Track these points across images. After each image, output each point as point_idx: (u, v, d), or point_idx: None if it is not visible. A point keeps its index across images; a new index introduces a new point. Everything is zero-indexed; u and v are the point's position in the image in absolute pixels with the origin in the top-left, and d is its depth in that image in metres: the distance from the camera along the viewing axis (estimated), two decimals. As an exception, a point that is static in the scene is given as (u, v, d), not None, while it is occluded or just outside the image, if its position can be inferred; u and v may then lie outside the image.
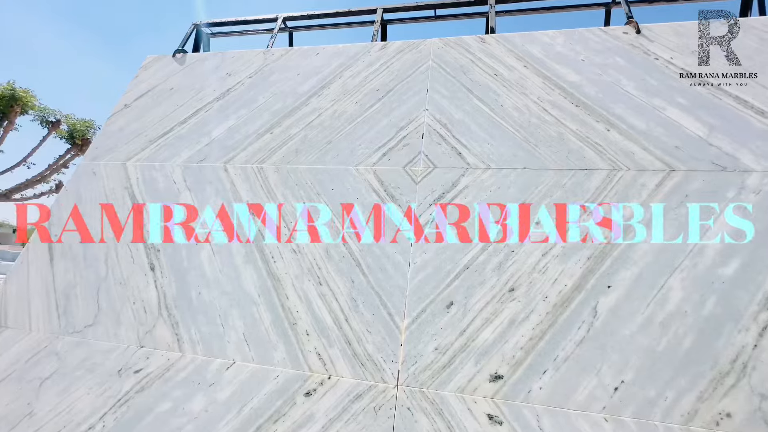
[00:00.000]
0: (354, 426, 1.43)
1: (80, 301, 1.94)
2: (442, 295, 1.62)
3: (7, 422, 1.66)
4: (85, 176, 2.38)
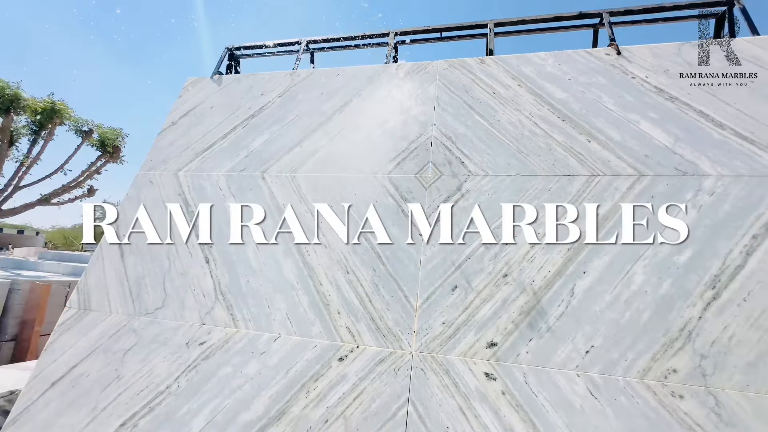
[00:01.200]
0: (378, 383, 1.80)
1: (149, 288, 2.36)
2: (448, 280, 1.98)
3: (101, 384, 2.08)
4: (144, 185, 2.80)
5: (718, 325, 1.64)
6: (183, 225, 2.53)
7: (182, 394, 1.97)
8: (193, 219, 2.54)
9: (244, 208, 2.49)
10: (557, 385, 1.67)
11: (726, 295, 1.69)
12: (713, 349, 1.60)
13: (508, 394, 1.68)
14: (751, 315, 1.63)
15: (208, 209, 2.55)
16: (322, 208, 2.35)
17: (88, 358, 2.19)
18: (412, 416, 1.71)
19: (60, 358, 2.23)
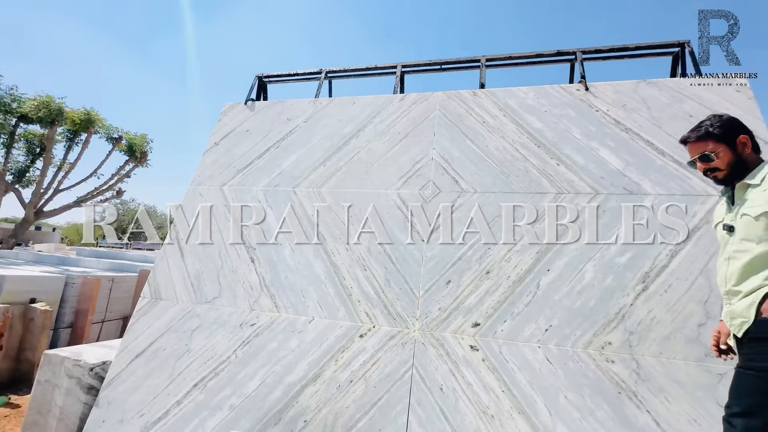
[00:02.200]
0: (390, 353, 2.39)
1: (207, 282, 2.96)
2: (443, 276, 2.55)
3: (175, 356, 2.70)
4: (194, 197, 3.40)
5: (644, 310, 2.19)
6: (230, 231, 3.13)
7: (240, 363, 2.57)
8: (238, 226, 3.13)
9: (280, 218, 3.07)
10: (523, 354, 2.24)
11: (652, 287, 2.23)
12: (639, 327, 2.16)
13: (486, 361, 2.26)
14: (669, 302, 2.18)
15: (250, 218, 3.14)
16: (343, 218, 2.93)
17: (163, 336, 2.81)
18: (415, 377, 2.29)
19: (141, 336, 2.85)
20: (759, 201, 1.39)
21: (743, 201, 1.47)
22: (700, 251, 2.28)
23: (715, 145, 1.55)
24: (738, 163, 1.52)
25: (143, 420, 2.52)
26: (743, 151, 1.53)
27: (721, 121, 1.57)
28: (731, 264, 1.46)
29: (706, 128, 1.57)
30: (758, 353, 1.31)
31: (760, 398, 1.26)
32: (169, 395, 2.57)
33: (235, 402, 2.44)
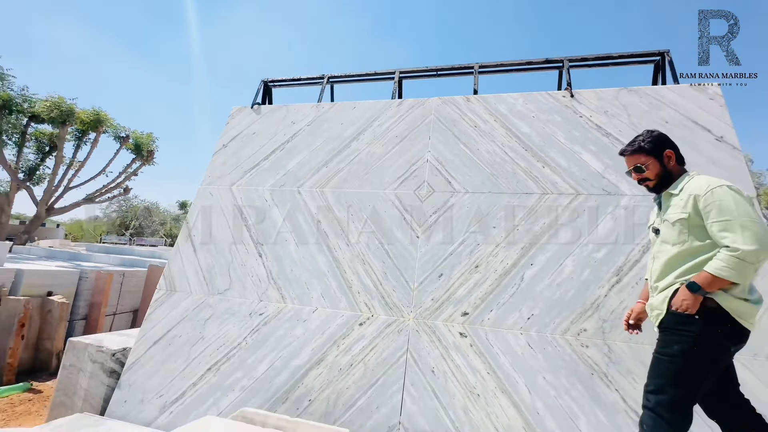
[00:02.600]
0: (387, 340, 2.62)
1: (218, 275, 3.20)
2: (436, 270, 2.78)
3: (190, 342, 2.94)
4: (205, 196, 3.63)
5: (617, 300, 2.41)
6: (239, 227, 3.36)
7: (249, 349, 2.81)
8: (246, 224, 3.37)
9: (286, 215, 3.30)
10: (507, 340, 2.47)
11: (625, 280, 2.46)
12: (611, 316, 2.38)
13: (474, 346, 2.49)
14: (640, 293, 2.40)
15: (258, 216, 3.37)
16: (344, 216, 3.16)
17: (179, 325, 3.06)
18: (409, 361, 2.53)
19: (158, 325, 3.10)
20: (676, 209, 1.61)
21: (666, 208, 1.69)
22: (669, 247, 2.49)
23: (645, 158, 1.75)
24: (664, 174, 1.73)
25: (162, 400, 2.77)
26: (668, 163, 1.73)
27: (652, 136, 1.77)
28: (654, 262, 1.69)
29: (638, 143, 1.78)
30: (667, 341, 1.54)
31: (668, 378, 1.48)
32: (185, 378, 2.82)
33: (246, 383, 2.68)
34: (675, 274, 1.57)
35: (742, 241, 1.39)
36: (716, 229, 1.47)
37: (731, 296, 1.45)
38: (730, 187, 1.52)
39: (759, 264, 1.42)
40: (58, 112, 7.30)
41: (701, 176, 1.65)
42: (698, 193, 1.55)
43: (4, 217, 7.77)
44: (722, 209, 1.47)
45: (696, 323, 1.45)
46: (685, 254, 1.56)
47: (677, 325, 1.50)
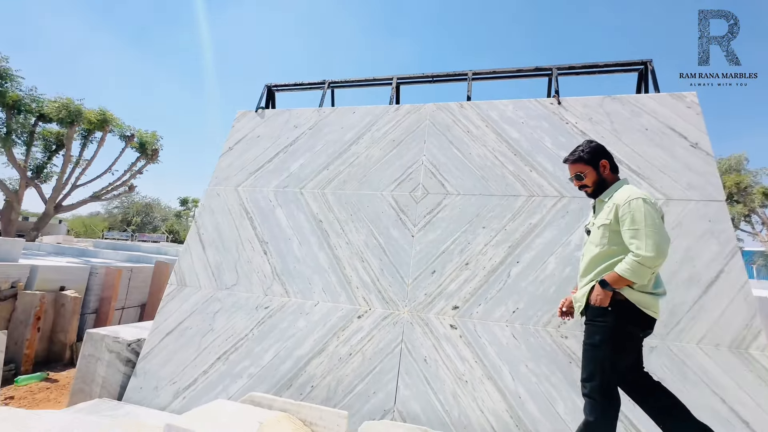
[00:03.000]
0: (384, 331, 2.84)
1: (226, 271, 3.41)
2: (429, 267, 2.99)
3: (200, 333, 3.16)
4: (213, 197, 3.84)
5: (594, 295, 2.62)
6: (245, 226, 3.57)
7: (256, 339, 3.03)
8: (252, 223, 3.57)
9: (289, 215, 3.51)
10: (494, 331, 2.68)
11: (603, 277, 2.66)
12: (589, 310, 2.59)
13: (463, 337, 2.71)
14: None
15: (262, 216, 3.58)
16: (344, 216, 3.36)
17: (189, 317, 3.27)
18: (404, 350, 2.75)
19: (170, 317, 3.31)
20: (603, 215, 1.82)
21: (598, 213, 1.90)
22: (644, 247, 2.70)
23: (584, 167, 1.96)
24: (600, 182, 1.94)
25: (175, 387, 2.99)
26: (603, 172, 1.94)
27: (590, 147, 1.97)
28: (582, 260, 1.91)
29: (579, 153, 1.98)
30: (590, 333, 1.75)
31: (595, 365, 1.69)
32: (196, 366, 3.04)
33: (253, 371, 2.91)
34: (595, 272, 1.79)
35: (645, 249, 1.61)
36: (627, 236, 1.69)
37: (637, 290, 1.67)
38: (645, 200, 1.72)
39: (655, 268, 1.65)
40: (67, 113, 7.51)
41: (626, 187, 1.86)
42: (619, 203, 1.76)
43: (14, 214, 8.00)
44: (634, 219, 1.68)
45: (610, 314, 1.67)
46: (604, 255, 1.78)
47: (596, 318, 1.71)
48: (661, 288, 1.77)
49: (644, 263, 1.61)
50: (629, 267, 1.63)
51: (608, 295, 1.66)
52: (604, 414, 1.65)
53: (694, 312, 2.47)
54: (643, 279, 1.64)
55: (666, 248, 1.64)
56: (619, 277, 1.65)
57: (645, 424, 2.23)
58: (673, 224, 2.72)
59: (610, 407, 1.67)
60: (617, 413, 1.70)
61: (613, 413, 1.68)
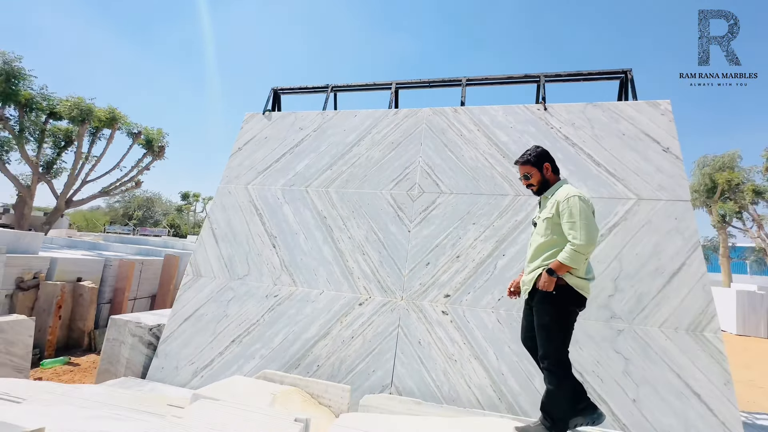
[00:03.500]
0: (382, 317, 3.15)
1: (238, 263, 3.72)
2: (424, 259, 3.29)
3: (215, 319, 3.47)
4: (224, 194, 4.13)
5: (571, 285, 2.92)
6: (255, 222, 3.87)
7: (266, 324, 3.34)
8: (262, 219, 3.87)
9: (295, 212, 3.81)
10: (481, 317, 2.99)
11: (579, 268, 2.96)
12: (566, 298, 2.89)
13: (454, 322, 3.02)
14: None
15: (271, 212, 3.87)
16: (346, 213, 3.66)
17: (205, 305, 3.58)
18: (400, 334, 3.06)
19: (187, 305, 3.62)
20: (546, 210, 2.13)
21: (543, 208, 2.21)
22: (617, 241, 3.00)
23: (530, 169, 2.25)
24: (543, 182, 2.24)
25: (193, 367, 3.31)
26: (546, 173, 2.24)
27: (536, 152, 2.27)
28: (529, 248, 2.21)
29: (527, 156, 2.28)
30: (540, 315, 2.03)
31: (549, 343, 1.97)
32: (212, 349, 3.36)
33: (265, 353, 3.22)
34: (540, 258, 2.09)
35: (579, 238, 1.92)
36: (566, 228, 2.00)
37: (575, 276, 1.98)
38: (581, 198, 2.04)
39: (588, 254, 1.96)
40: (78, 112, 7.78)
41: (566, 186, 2.17)
42: (560, 200, 2.07)
43: (27, 208, 8.29)
44: (572, 213, 1.98)
45: (555, 298, 1.97)
46: (548, 245, 2.08)
47: (544, 301, 2.01)
48: (591, 274, 2.08)
49: (579, 250, 1.92)
50: (568, 255, 1.93)
51: (553, 281, 1.95)
52: (561, 381, 1.96)
53: (658, 299, 2.78)
54: (579, 264, 1.94)
55: (596, 237, 1.96)
56: (561, 264, 1.95)
57: (609, 393, 2.56)
58: (644, 222, 3.02)
59: (566, 374, 1.97)
60: (572, 375, 2.00)
61: (569, 378, 1.98)
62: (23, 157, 8.07)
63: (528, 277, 2.16)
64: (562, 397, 1.96)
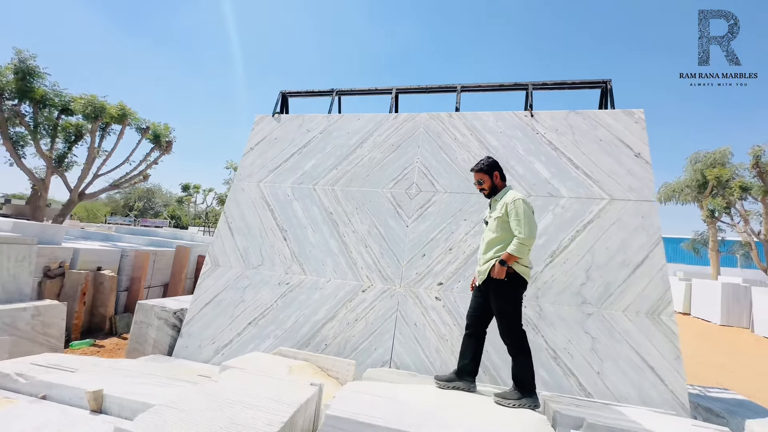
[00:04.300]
0: (382, 302, 3.56)
1: (252, 254, 4.11)
2: (420, 251, 3.69)
3: (233, 304, 3.88)
4: (238, 191, 4.50)
5: (548, 275, 3.34)
6: (267, 217, 4.25)
7: (279, 309, 3.75)
8: (273, 214, 4.25)
9: (304, 208, 4.19)
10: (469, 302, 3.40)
11: (556, 260, 3.37)
12: (544, 286, 3.31)
13: (446, 307, 3.43)
14: (565, 270, 3.32)
15: (281, 208, 4.26)
16: (350, 209, 4.05)
17: (223, 292, 3.99)
18: (398, 317, 3.47)
19: (207, 291, 4.03)
20: (497, 210, 2.53)
21: (493, 209, 2.61)
22: (591, 236, 3.40)
23: (483, 176, 2.65)
24: (493, 187, 2.65)
25: (215, 346, 3.73)
26: (496, 180, 2.64)
27: (488, 162, 2.66)
28: (482, 243, 2.60)
29: (480, 165, 2.67)
30: (497, 301, 2.43)
31: (507, 322, 2.39)
32: (231, 330, 3.77)
33: (279, 333, 3.64)
34: (493, 251, 2.49)
35: (524, 233, 2.33)
36: (513, 225, 2.42)
37: (521, 265, 2.40)
38: (524, 201, 2.46)
39: (530, 246, 2.39)
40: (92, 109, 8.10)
41: (512, 191, 2.58)
42: (507, 202, 2.49)
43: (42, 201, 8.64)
44: (518, 213, 2.40)
45: (506, 284, 2.38)
46: (499, 239, 2.49)
47: (498, 288, 2.41)
48: (531, 264, 2.54)
49: (524, 243, 2.35)
50: (516, 247, 2.34)
51: (504, 270, 2.36)
52: (521, 348, 2.38)
53: (623, 287, 3.19)
54: (524, 254, 2.36)
55: (535, 232, 2.40)
56: (510, 254, 2.36)
57: (578, 367, 2.98)
58: (614, 219, 3.42)
59: (523, 343, 2.39)
60: (527, 343, 2.42)
61: (526, 345, 2.41)
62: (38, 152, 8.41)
63: (483, 267, 2.55)
64: (526, 361, 2.38)
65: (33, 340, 3.97)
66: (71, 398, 2.46)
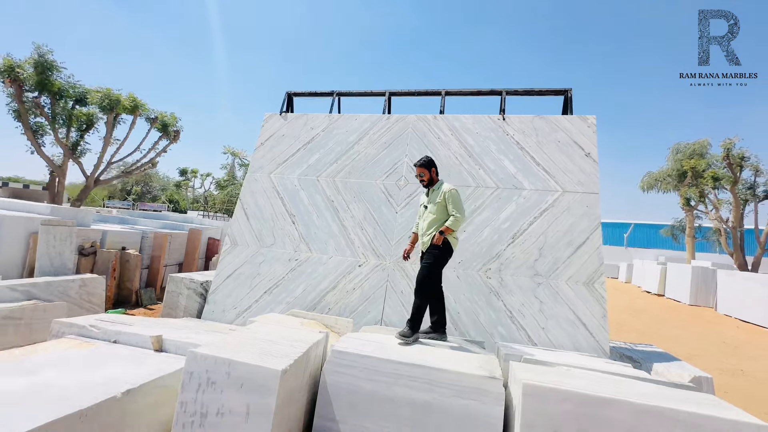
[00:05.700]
0: (375, 275, 4.34)
1: (265, 235, 4.86)
2: (407, 233, 4.45)
3: (251, 277, 4.65)
4: (252, 182, 5.21)
5: (510, 253, 4.12)
6: (277, 204, 4.98)
7: (290, 280, 4.53)
8: (283, 201, 4.98)
9: (310, 196, 4.92)
10: (446, 274, 4.18)
11: (517, 241, 4.15)
12: (506, 261, 4.10)
13: (426, 278, 4.22)
14: (523, 249, 4.11)
15: (290, 196, 4.98)
16: (349, 198, 4.78)
17: (242, 267, 4.75)
18: (388, 286, 4.26)
19: (228, 266, 4.79)
20: (435, 197, 3.24)
21: (433, 197, 3.32)
22: (545, 222, 4.18)
23: (424, 170, 3.35)
24: (431, 180, 3.35)
25: (236, 310, 4.52)
26: (433, 174, 3.34)
27: (428, 159, 3.35)
28: (423, 222, 3.30)
29: (422, 161, 3.36)
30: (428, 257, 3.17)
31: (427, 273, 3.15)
32: (250, 297, 4.55)
33: (290, 300, 4.43)
34: (433, 228, 3.23)
35: (458, 212, 3.09)
36: (451, 207, 3.15)
37: (452, 237, 3.16)
38: (456, 190, 3.19)
39: (462, 222, 3.14)
40: (108, 101, 8.64)
41: (446, 183, 3.28)
42: (445, 191, 3.21)
43: (60, 186, 9.26)
44: (454, 200, 3.14)
45: (441, 248, 3.13)
46: (436, 220, 3.22)
47: (433, 249, 3.16)
48: (457, 238, 3.29)
49: (459, 220, 3.10)
50: (452, 222, 3.09)
51: (441, 239, 3.12)
52: (424, 300, 3.14)
53: (568, 263, 3.99)
54: (457, 227, 3.11)
55: (464, 213, 3.16)
56: (448, 227, 3.10)
57: (528, 324, 3.80)
58: (565, 208, 4.19)
59: (427, 292, 3.15)
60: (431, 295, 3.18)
61: (428, 295, 3.15)
62: (56, 141, 8.98)
63: (426, 239, 3.27)
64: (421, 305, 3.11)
65: (81, 306, 4.74)
66: (137, 341, 3.23)
